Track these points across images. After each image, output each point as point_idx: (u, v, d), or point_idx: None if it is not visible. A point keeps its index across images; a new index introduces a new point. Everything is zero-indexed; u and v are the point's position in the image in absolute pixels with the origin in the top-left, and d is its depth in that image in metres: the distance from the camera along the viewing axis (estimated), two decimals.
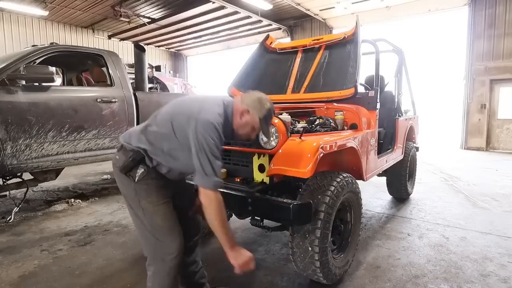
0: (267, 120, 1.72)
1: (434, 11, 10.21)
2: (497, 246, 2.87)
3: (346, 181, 2.16)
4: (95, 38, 14.06)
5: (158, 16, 11.83)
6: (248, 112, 1.67)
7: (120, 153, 1.71)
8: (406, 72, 4.23)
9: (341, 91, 2.81)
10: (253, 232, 3.20)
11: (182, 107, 1.69)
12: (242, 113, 1.68)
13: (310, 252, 1.97)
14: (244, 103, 1.67)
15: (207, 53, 16.64)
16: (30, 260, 2.67)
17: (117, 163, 1.69)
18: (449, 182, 5.33)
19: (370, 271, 2.45)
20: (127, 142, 1.69)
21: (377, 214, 3.77)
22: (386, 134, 3.72)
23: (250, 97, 1.70)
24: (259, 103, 1.67)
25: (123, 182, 1.69)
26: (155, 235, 1.66)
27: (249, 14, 10.72)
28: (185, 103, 1.74)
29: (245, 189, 2.12)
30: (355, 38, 3.03)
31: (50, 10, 11.26)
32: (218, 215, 1.55)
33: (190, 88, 11.87)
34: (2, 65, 3.30)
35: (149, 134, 1.67)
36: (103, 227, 3.43)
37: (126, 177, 1.66)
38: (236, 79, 3.47)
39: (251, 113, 1.66)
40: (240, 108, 1.68)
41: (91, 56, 4.37)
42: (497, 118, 9.43)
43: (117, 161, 1.69)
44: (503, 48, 9.05)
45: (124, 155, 1.67)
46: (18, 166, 3.34)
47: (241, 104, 1.68)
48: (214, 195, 1.54)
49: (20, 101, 3.28)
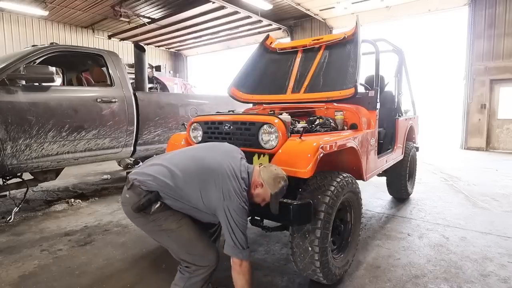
0: (278, 196, 1.83)
1: (434, 11, 10.21)
2: (497, 246, 2.87)
3: (346, 181, 2.16)
4: (95, 38, 14.06)
5: (158, 16, 11.83)
6: (262, 186, 1.80)
7: (130, 192, 1.70)
8: (406, 72, 4.23)
9: (341, 91, 2.81)
10: (253, 232, 3.20)
11: (209, 177, 1.72)
12: (257, 186, 1.81)
13: (310, 252, 1.97)
14: (261, 177, 1.80)
15: (207, 53, 16.64)
16: (30, 260, 2.67)
17: (127, 202, 1.70)
18: (449, 182, 5.33)
19: (370, 271, 2.45)
20: (140, 182, 1.69)
21: (377, 214, 3.77)
22: (386, 134, 3.72)
23: (267, 173, 1.81)
24: (273, 180, 1.79)
25: (137, 218, 1.73)
26: (189, 251, 1.75)
27: (249, 14, 10.72)
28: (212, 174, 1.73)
29: None
30: (355, 38, 3.02)
31: (50, 10, 11.26)
32: (250, 284, 1.72)
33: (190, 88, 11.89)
34: (2, 65, 3.30)
35: (167, 182, 1.70)
36: (103, 227, 3.43)
37: (140, 214, 1.69)
38: (236, 79, 3.47)
39: (265, 187, 1.80)
40: (257, 181, 1.81)
41: (91, 56, 4.37)
42: (497, 118, 9.43)
43: (128, 200, 1.70)
44: (503, 48, 9.05)
45: (136, 195, 1.67)
46: (18, 166, 3.34)
47: (258, 177, 1.82)
48: (249, 265, 1.72)
49: (20, 101, 3.28)
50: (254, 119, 2.29)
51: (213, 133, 2.53)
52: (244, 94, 3.46)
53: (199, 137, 2.64)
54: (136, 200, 1.65)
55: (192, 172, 1.74)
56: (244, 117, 2.40)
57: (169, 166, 1.75)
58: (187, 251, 1.74)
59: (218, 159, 1.79)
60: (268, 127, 2.19)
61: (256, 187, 1.81)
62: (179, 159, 1.82)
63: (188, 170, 1.74)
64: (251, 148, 2.27)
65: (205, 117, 2.66)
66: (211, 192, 1.69)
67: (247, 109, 3.54)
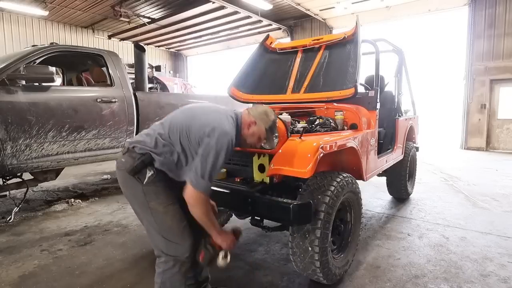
0: (273, 130, 1.89)
1: (434, 11, 10.21)
2: (497, 246, 2.87)
3: (346, 181, 2.16)
4: (95, 38, 14.06)
5: (158, 16, 11.83)
6: (255, 124, 1.82)
7: (126, 156, 1.72)
8: (406, 72, 4.23)
9: (341, 91, 2.81)
10: (253, 232, 3.20)
11: (196, 116, 1.75)
12: (250, 124, 1.83)
13: (310, 252, 1.97)
14: (251, 116, 1.83)
15: (207, 53, 16.64)
16: (30, 260, 2.67)
17: (123, 166, 1.70)
18: (449, 182, 5.33)
19: (370, 271, 2.45)
20: (134, 145, 1.71)
21: (377, 214, 3.77)
22: (386, 134, 3.72)
23: (256, 110, 1.86)
24: (265, 115, 1.84)
25: (130, 185, 1.71)
26: (166, 236, 1.70)
27: (249, 14, 10.72)
28: (198, 112, 1.78)
29: (245, 189, 2.12)
30: (355, 38, 3.02)
31: (50, 10, 11.26)
32: (206, 214, 1.66)
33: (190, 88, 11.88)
34: (2, 65, 3.30)
35: (157, 138, 1.71)
36: (103, 227, 3.43)
37: (134, 180, 1.67)
38: (236, 79, 3.47)
39: (258, 124, 1.82)
40: (248, 120, 1.84)
41: (91, 56, 4.37)
42: (497, 118, 9.43)
43: (123, 163, 1.70)
44: (503, 48, 9.05)
45: (131, 158, 1.68)
46: (18, 166, 3.34)
47: (248, 117, 1.84)
48: (204, 197, 1.63)
49: (20, 101, 3.28)
50: None
51: None
52: (244, 94, 3.46)
53: None
54: (131, 162, 1.66)
55: (176, 120, 1.76)
56: None
57: (161, 121, 1.80)
58: (164, 235, 1.70)
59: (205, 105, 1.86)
60: None
61: (249, 126, 1.82)
62: (172, 114, 1.84)
63: (176, 117, 1.79)
64: (251, 148, 2.27)
65: None
66: (196, 125, 1.68)
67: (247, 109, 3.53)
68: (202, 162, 1.59)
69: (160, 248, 1.73)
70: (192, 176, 1.60)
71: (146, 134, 1.77)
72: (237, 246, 2.87)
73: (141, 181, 1.66)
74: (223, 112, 1.79)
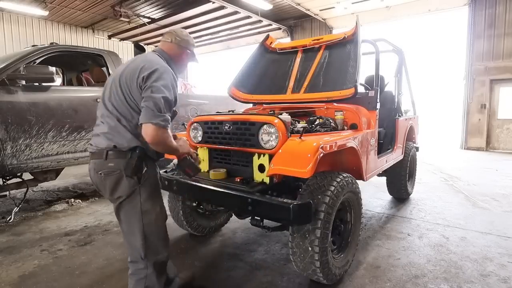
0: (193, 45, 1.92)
1: (434, 11, 10.21)
2: (497, 246, 2.87)
3: (346, 181, 2.16)
4: (95, 38, 14.06)
5: (158, 16, 11.83)
6: (181, 48, 1.84)
7: (112, 160, 1.62)
8: (406, 72, 4.23)
9: (341, 91, 2.81)
10: (253, 232, 3.20)
11: (126, 69, 1.69)
12: (177, 53, 1.83)
13: (310, 252, 1.97)
14: (173, 44, 1.82)
15: (207, 53, 16.63)
16: (30, 260, 2.67)
17: (115, 169, 1.62)
18: (449, 182, 5.33)
19: (370, 271, 2.45)
20: (113, 145, 1.63)
21: (377, 214, 3.77)
22: (386, 134, 3.71)
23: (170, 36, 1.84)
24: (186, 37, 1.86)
25: (122, 188, 1.64)
26: (152, 240, 1.71)
27: (249, 14, 10.72)
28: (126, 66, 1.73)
29: (245, 189, 2.12)
30: (355, 38, 3.02)
31: (50, 10, 11.25)
32: (169, 145, 1.65)
33: (190, 88, 11.88)
34: (2, 65, 3.30)
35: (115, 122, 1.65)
36: (103, 227, 3.43)
37: (131, 181, 1.63)
38: (236, 79, 3.47)
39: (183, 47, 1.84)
40: (173, 48, 1.83)
41: (91, 56, 4.37)
42: (497, 118, 9.43)
43: (113, 167, 1.62)
44: (503, 48, 9.05)
45: (121, 158, 1.62)
46: (18, 166, 3.34)
47: (171, 46, 1.82)
48: (166, 131, 1.60)
49: (20, 101, 3.28)
50: (254, 119, 2.29)
51: (213, 133, 2.53)
52: (244, 94, 3.46)
53: (199, 137, 2.63)
54: (124, 163, 1.60)
55: (107, 88, 1.74)
56: (244, 117, 2.40)
57: (103, 106, 1.73)
58: (150, 239, 1.70)
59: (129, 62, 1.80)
60: (268, 127, 2.19)
61: (180, 55, 1.84)
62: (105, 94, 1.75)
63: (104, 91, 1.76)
64: (251, 148, 2.27)
65: (205, 117, 2.66)
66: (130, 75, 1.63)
67: (247, 109, 3.53)
68: (155, 98, 1.54)
69: (139, 252, 1.70)
70: (149, 114, 1.53)
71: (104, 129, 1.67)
72: (237, 246, 2.88)
73: (139, 181, 1.63)
74: (149, 55, 1.76)
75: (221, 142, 2.48)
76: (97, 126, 1.73)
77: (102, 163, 1.64)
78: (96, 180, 1.71)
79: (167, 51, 1.82)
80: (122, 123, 1.64)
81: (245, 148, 2.30)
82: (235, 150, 2.41)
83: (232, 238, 3.09)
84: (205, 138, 2.60)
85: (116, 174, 1.63)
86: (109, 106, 1.67)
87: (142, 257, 1.70)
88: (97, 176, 1.67)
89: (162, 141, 1.59)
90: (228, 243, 2.98)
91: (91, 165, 1.70)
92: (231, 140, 2.39)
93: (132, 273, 1.74)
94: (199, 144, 2.65)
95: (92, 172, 1.70)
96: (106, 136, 1.65)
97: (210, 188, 2.22)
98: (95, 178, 1.70)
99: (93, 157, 1.69)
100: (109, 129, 1.65)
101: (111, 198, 1.71)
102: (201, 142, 2.63)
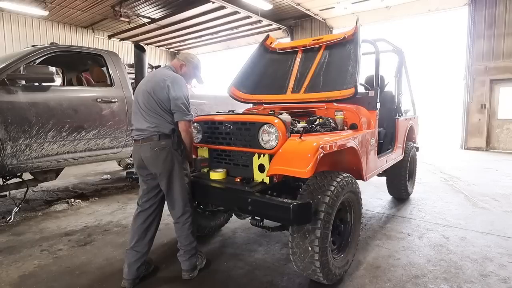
0: (198, 67, 2.51)
1: (434, 11, 10.21)
2: (497, 246, 2.87)
3: (346, 181, 2.16)
4: (95, 38, 14.05)
5: (158, 16, 11.83)
6: (185, 65, 2.42)
7: (163, 139, 2.20)
8: (406, 72, 4.23)
9: (341, 91, 2.81)
10: (253, 232, 3.20)
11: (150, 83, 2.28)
12: (181, 66, 2.42)
13: (310, 252, 1.97)
14: (180, 60, 2.44)
15: (207, 53, 16.63)
16: (30, 260, 2.67)
17: (166, 146, 2.20)
18: (449, 182, 5.33)
19: (370, 271, 2.45)
20: (163, 131, 2.21)
21: (377, 214, 3.77)
22: (386, 134, 3.72)
23: (182, 55, 2.48)
24: (189, 56, 2.47)
25: (170, 160, 2.21)
26: (187, 196, 2.31)
27: (249, 14, 10.71)
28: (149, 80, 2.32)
29: (245, 189, 2.12)
30: (355, 38, 3.02)
31: (50, 10, 11.25)
32: (192, 137, 2.41)
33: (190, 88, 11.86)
34: (2, 65, 3.30)
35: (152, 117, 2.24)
36: (103, 227, 3.43)
37: (176, 154, 2.23)
38: (236, 79, 3.47)
39: (187, 65, 2.43)
40: (179, 64, 2.43)
41: (91, 56, 4.37)
42: (497, 118, 9.42)
43: (164, 145, 2.20)
44: (503, 48, 9.05)
45: (169, 138, 2.22)
46: (18, 166, 3.34)
47: (178, 61, 2.43)
48: (191, 125, 2.37)
49: (20, 101, 3.28)
50: (254, 119, 2.29)
51: (213, 133, 2.53)
52: (244, 94, 3.46)
53: (199, 137, 2.64)
54: (169, 141, 2.22)
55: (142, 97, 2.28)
56: (244, 117, 2.40)
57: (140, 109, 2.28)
58: (187, 195, 2.30)
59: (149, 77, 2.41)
60: (268, 127, 2.19)
61: (181, 68, 2.41)
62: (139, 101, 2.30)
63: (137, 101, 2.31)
64: (251, 148, 2.27)
65: (205, 117, 2.66)
66: (157, 88, 2.22)
67: (247, 109, 3.54)
68: (180, 103, 2.20)
69: (182, 205, 2.28)
70: (181, 115, 2.22)
71: (151, 123, 2.23)
72: (237, 246, 2.88)
73: (181, 152, 2.27)
74: (163, 70, 2.37)
75: (221, 142, 2.48)
76: (140, 122, 2.26)
77: (156, 142, 2.21)
78: (151, 155, 2.21)
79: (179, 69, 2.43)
80: (161, 117, 2.24)
81: (245, 148, 2.30)
82: (235, 150, 2.41)
83: (232, 238, 3.09)
84: (205, 138, 2.60)
85: (167, 149, 2.21)
86: (147, 109, 2.24)
87: (188, 208, 2.30)
88: (153, 152, 2.20)
89: (191, 131, 2.33)
90: (228, 243, 2.98)
91: (143, 147, 2.23)
92: (231, 140, 2.39)
93: (183, 223, 2.30)
94: (199, 144, 2.66)
95: (145, 150, 2.22)
96: (154, 127, 2.23)
97: (210, 188, 2.22)
98: (150, 153, 2.21)
99: (144, 141, 2.23)
100: (155, 122, 2.23)
101: (163, 168, 2.21)
102: (201, 142, 2.63)
